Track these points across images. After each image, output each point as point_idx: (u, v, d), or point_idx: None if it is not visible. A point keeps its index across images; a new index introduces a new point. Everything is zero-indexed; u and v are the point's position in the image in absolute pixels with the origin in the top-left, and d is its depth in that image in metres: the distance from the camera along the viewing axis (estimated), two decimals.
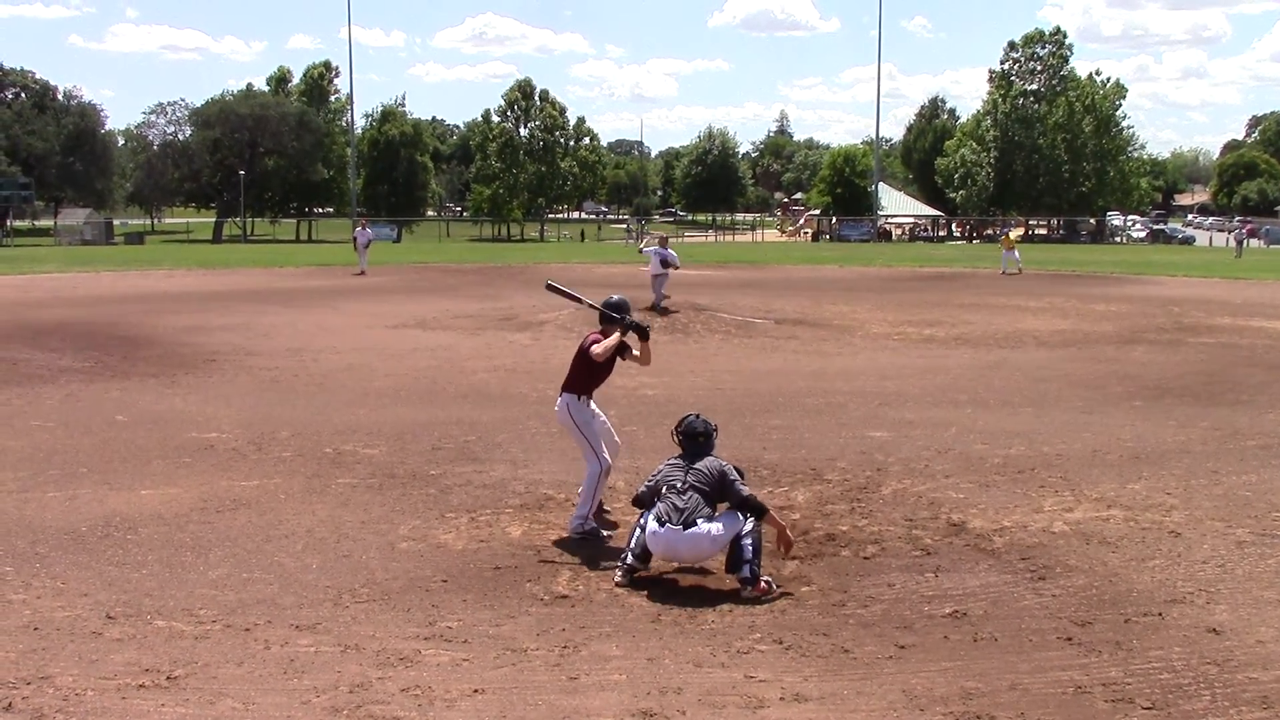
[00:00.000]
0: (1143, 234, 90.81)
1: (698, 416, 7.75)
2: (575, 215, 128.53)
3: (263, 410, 13.44)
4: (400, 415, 13.08)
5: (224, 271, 42.22)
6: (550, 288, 9.39)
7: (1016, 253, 43.69)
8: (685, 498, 7.15)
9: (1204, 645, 6.12)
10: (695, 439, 7.60)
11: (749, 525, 7.13)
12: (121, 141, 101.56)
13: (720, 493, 7.25)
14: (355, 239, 42.35)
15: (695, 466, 7.35)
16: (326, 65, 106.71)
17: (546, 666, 5.82)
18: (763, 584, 6.98)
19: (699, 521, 7.06)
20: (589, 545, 8.08)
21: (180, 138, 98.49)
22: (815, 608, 6.78)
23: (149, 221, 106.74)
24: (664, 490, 7.29)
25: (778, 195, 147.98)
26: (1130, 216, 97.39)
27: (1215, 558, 7.80)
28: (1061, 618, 6.54)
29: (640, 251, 36.13)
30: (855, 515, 8.86)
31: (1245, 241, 66.85)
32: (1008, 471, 10.38)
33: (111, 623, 6.41)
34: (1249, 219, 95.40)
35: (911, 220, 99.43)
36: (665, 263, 25.30)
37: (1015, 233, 63.02)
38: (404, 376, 16.16)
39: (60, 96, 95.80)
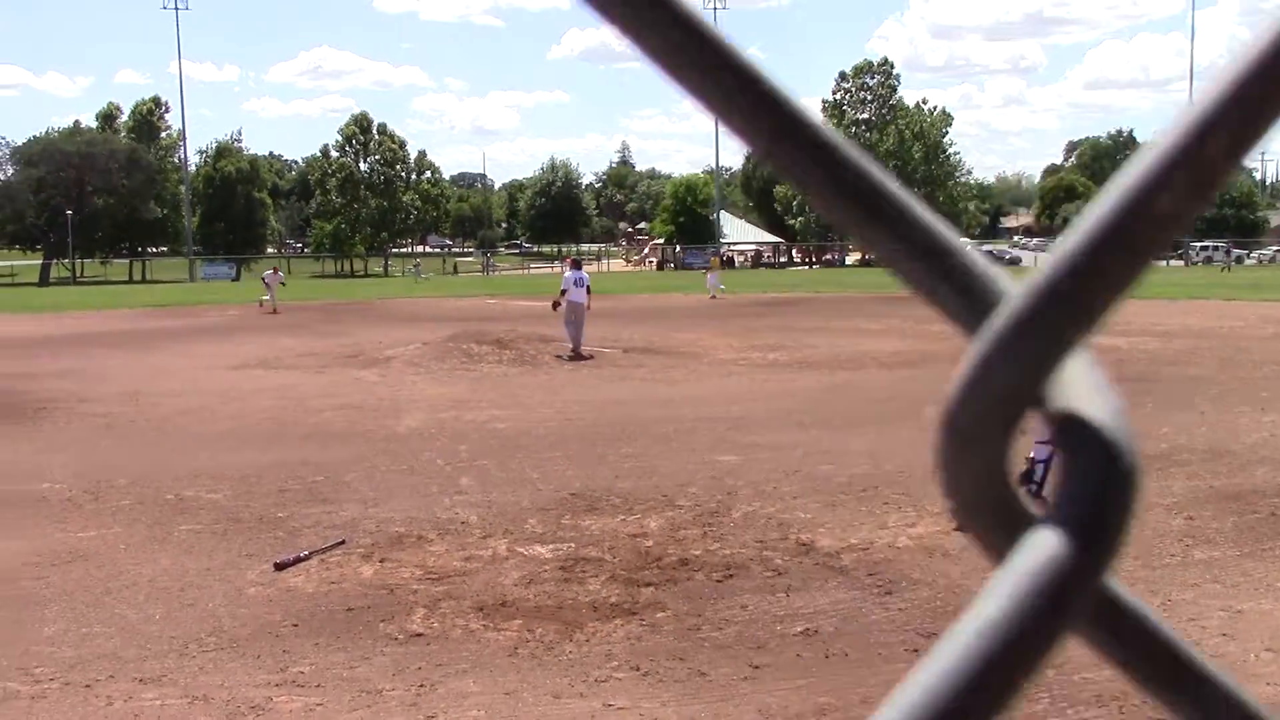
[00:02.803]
0: None
1: None
2: (420, 249, 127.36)
3: (98, 458, 12.96)
4: (244, 458, 12.76)
5: (53, 315, 40.62)
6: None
7: (715, 277, 46.54)
8: None
9: None
10: None
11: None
12: None
13: None
14: (265, 279, 42.14)
15: None
16: (156, 101, 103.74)
17: (403, 707, 5.76)
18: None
19: None
20: (444, 582, 8.00)
21: (1, 177, 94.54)
22: (671, 633, 6.85)
23: None
24: None
25: (622, 225, 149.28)
26: (960, 240, 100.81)
27: None
28: (908, 630, 6.74)
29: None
30: (708, 539, 8.98)
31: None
32: (853, 490, 10.64)
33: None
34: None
35: (754, 247, 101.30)
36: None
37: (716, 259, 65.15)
38: (247, 418, 15.77)
39: None
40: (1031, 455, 9.33)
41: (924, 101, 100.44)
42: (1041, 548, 0.32)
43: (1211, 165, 0.31)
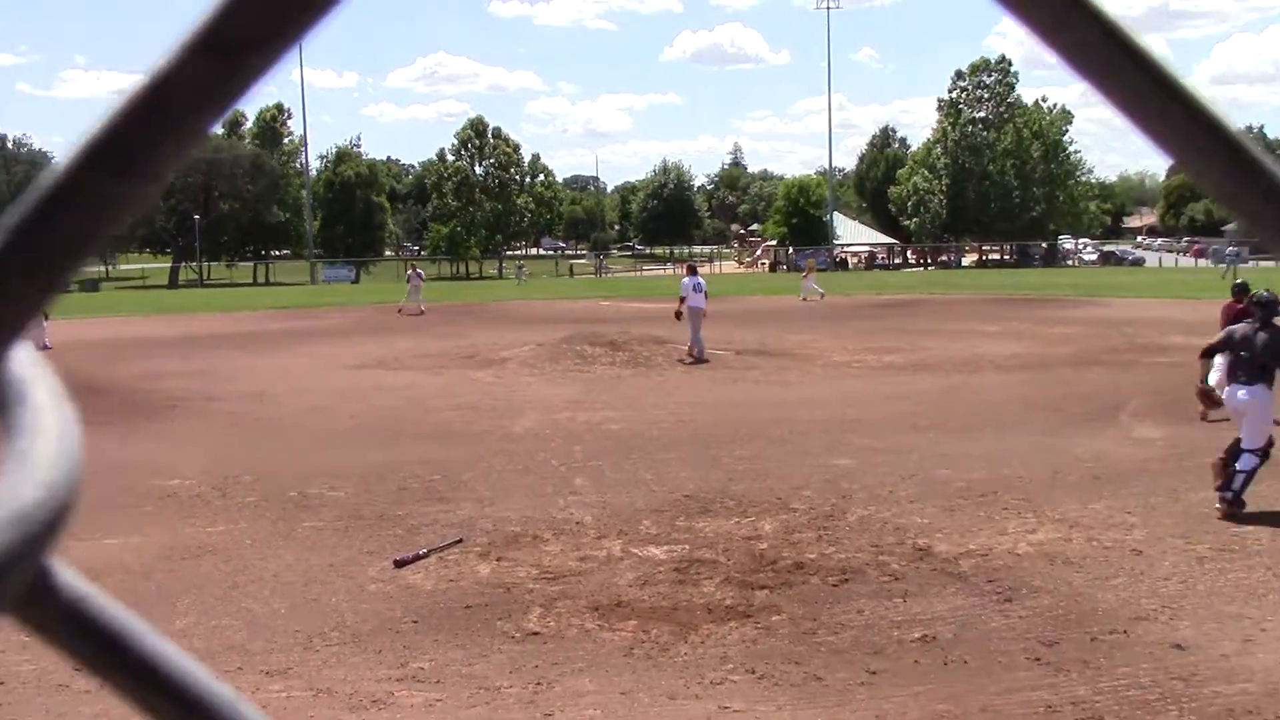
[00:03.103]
0: (1094, 257, 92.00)
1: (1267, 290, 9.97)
2: (533, 251, 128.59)
3: (225, 455, 13.35)
4: (365, 456, 13.04)
5: (181, 317, 41.95)
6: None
7: (811, 280, 45.56)
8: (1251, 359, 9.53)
9: (1169, 661, 6.21)
10: (1267, 306, 9.78)
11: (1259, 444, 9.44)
12: None
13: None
14: (409, 280, 42.55)
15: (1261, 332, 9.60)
16: (279, 108, 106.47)
17: (520, 704, 5.83)
18: (1234, 506, 9.24)
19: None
20: (560, 582, 8.08)
21: None
22: (786, 636, 6.82)
23: (103, 268, 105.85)
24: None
25: (734, 227, 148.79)
26: (1081, 240, 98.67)
27: (1177, 574, 7.92)
28: (1029, 638, 6.61)
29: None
30: (823, 543, 8.92)
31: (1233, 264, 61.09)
32: (971, 495, 10.48)
33: (78, 675, 6.33)
34: (1196, 239, 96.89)
35: (867, 249, 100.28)
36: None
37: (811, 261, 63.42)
38: (367, 417, 16.11)
39: (10, 145, 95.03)
40: (1236, 465, 9.30)
41: (1043, 99, 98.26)
42: None
43: None
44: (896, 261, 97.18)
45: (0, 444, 0.35)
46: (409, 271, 44.43)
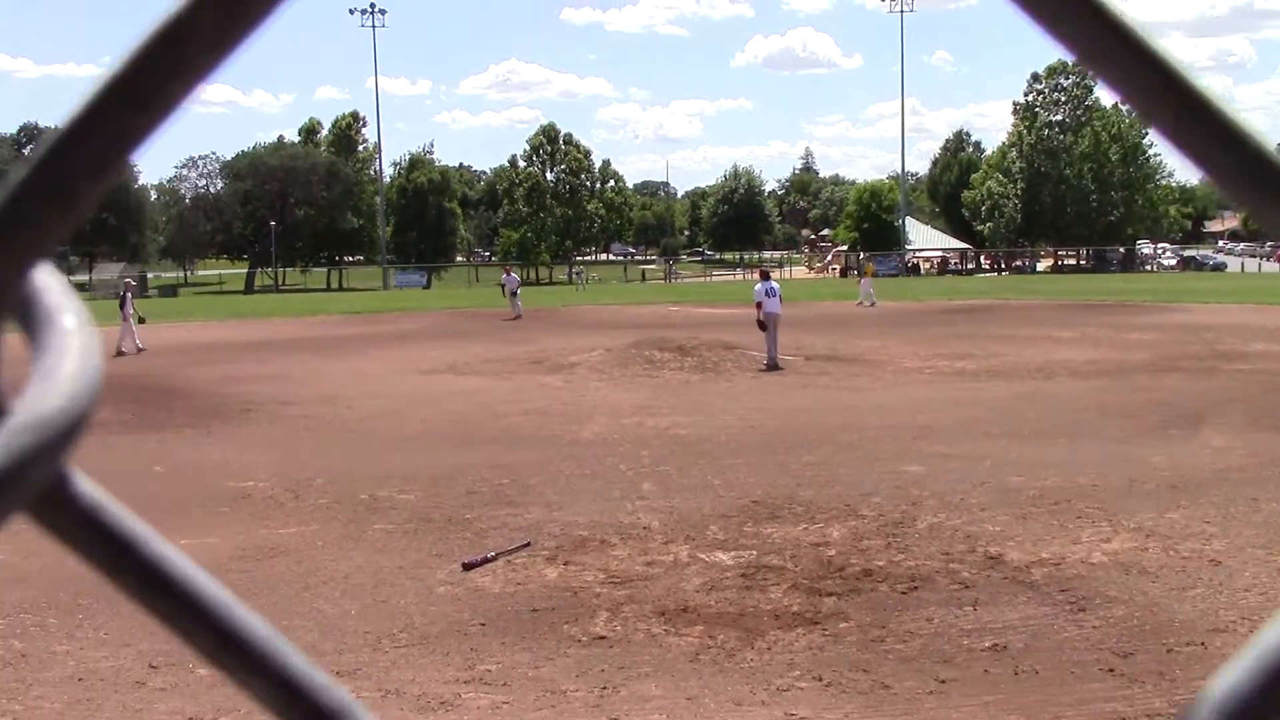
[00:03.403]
0: (1173, 262, 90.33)
1: None
2: (603, 257, 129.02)
3: (298, 458, 13.54)
4: (434, 460, 13.15)
5: (257, 321, 42.62)
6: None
7: (868, 283, 44.80)
8: None
9: None
10: None
11: None
12: (154, 196, 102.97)
13: None
14: (504, 286, 41.49)
15: None
16: (354, 115, 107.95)
17: (586, 708, 5.84)
18: None
19: None
20: (627, 586, 8.08)
21: (212, 191, 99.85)
22: (854, 643, 6.77)
23: (182, 274, 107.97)
24: None
25: (805, 232, 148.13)
26: (1160, 244, 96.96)
27: (1257, 585, 7.74)
28: (1103, 649, 6.50)
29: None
30: (892, 550, 8.84)
31: None
32: (1044, 503, 10.32)
33: (155, 672, 6.47)
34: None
35: (940, 254, 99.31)
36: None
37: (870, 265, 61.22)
38: (437, 421, 16.25)
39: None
40: None
41: (1122, 102, 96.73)
42: None
43: None
44: (969, 266, 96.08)
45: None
46: (505, 275, 42.55)
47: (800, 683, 6.13)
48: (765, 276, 23.99)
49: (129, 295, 29.84)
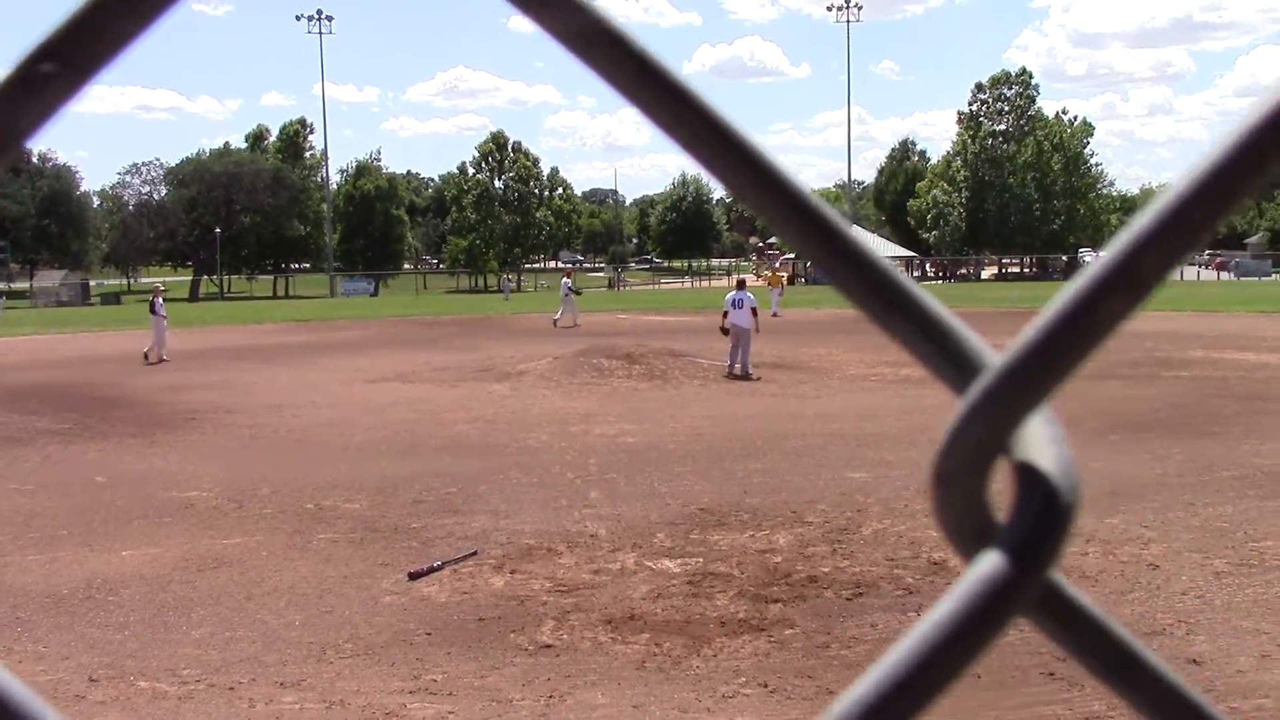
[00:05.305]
0: None
1: None
2: (551, 265, 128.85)
3: (243, 467, 13.41)
4: (381, 469, 13.08)
5: (201, 329, 42.14)
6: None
7: (778, 293, 44.06)
8: None
9: (1185, 676, 6.15)
10: None
11: None
12: (97, 202, 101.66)
13: None
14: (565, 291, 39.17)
15: None
16: (302, 122, 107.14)
17: (532, 717, 5.84)
18: None
19: None
20: (573, 594, 8.08)
21: (155, 197, 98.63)
22: (799, 650, 6.81)
23: (125, 281, 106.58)
24: None
25: (753, 240, 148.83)
26: (1102, 252, 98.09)
27: (1194, 589, 7.88)
28: (1043, 653, 6.58)
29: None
30: (837, 556, 8.90)
31: None
32: None
33: (95, 685, 6.39)
34: (1218, 252, 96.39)
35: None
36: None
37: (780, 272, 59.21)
38: (384, 430, 16.15)
39: (35, 159, 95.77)
40: None
41: (1064, 111, 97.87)
42: (985, 565, 0.41)
43: (1143, 279, 0.42)
44: (915, 275, 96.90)
45: None
46: (565, 280, 40.33)
47: (746, 689, 6.16)
48: (740, 286, 23.91)
49: (158, 300, 29.83)
